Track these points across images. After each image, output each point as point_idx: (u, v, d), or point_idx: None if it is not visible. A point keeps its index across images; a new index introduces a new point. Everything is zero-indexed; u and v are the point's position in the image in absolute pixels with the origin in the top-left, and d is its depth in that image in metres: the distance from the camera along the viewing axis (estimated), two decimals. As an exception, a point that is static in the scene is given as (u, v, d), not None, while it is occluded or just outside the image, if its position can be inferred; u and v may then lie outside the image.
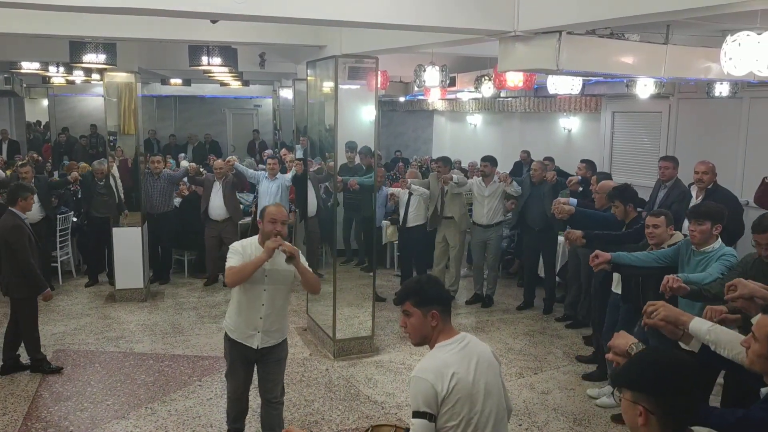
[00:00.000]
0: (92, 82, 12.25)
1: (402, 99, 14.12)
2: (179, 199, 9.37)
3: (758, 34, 4.13)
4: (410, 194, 8.01)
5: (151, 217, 8.32)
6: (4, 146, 13.71)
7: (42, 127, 17.51)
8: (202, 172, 9.43)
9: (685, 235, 4.53)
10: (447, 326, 2.65)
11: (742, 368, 2.48)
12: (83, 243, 8.96)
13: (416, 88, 9.71)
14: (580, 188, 6.95)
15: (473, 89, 9.16)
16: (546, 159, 9.34)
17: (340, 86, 5.98)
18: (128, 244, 7.78)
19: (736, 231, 6.03)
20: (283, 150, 11.11)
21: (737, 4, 3.46)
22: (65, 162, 12.52)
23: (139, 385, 5.62)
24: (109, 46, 6.91)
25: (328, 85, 6.39)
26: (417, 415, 2.49)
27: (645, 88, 7.49)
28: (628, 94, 8.17)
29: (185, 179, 9.14)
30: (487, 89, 8.54)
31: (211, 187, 8.51)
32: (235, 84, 12.44)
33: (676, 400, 1.86)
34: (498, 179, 7.72)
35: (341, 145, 7.71)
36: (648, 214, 4.79)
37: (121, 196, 8.02)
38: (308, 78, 6.94)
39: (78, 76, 11.08)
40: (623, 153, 10.20)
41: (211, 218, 8.49)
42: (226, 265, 3.93)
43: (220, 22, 5.91)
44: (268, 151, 13.51)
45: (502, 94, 11.28)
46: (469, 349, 2.62)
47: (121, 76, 7.70)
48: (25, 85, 14.81)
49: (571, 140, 11.40)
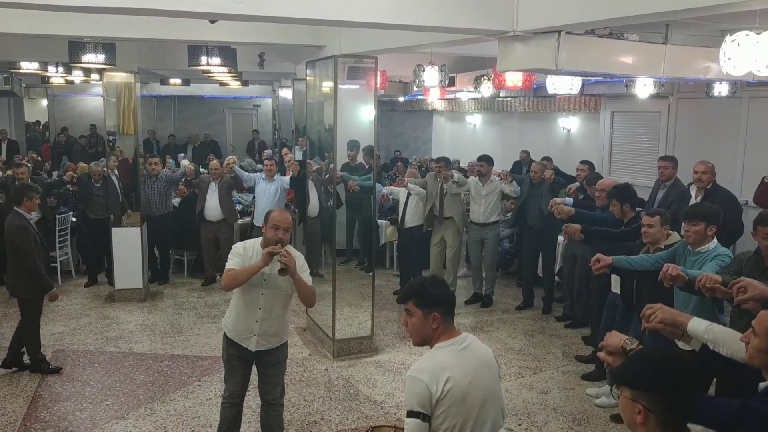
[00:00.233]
0: (91, 82, 12.25)
1: (401, 99, 14.12)
2: (178, 199, 9.36)
3: (757, 33, 4.14)
4: (408, 194, 8.01)
5: (150, 219, 8.30)
6: (4, 146, 13.71)
7: (41, 127, 17.50)
8: (201, 172, 9.42)
9: (682, 236, 4.55)
10: (449, 328, 2.62)
11: (741, 366, 2.48)
12: (83, 243, 8.94)
13: (415, 88, 9.70)
14: (581, 196, 6.93)
15: (472, 89, 9.15)
16: (544, 159, 9.34)
17: (340, 86, 5.98)
18: (127, 244, 7.77)
19: (735, 231, 6.03)
20: (284, 149, 11.09)
21: (736, 3, 3.46)
22: (65, 162, 12.52)
23: (138, 385, 5.61)
24: (108, 46, 6.91)
25: (327, 85, 6.39)
26: (411, 414, 2.49)
27: (644, 88, 7.49)
28: (628, 93, 8.17)
29: (182, 181, 9.13)
30: (487, 89, 8.54)
31: (207, 188, 8.48)
32: (235, 84, 12.45)
33: (675, 397, 1.87)
34: (498, 177, 7.72)
35: (341, 145, 7.70)
36: (645, 214, 4.81)
37: (121, 195, 8.01)
38: (307, 78, 6.94)
39: (77, 76, 11.07)
40: (622, 153, 10.21)
41: (207, 219, 8.46)
42: (226, 266, 3.91)
43: (220, 22, 5.91)
44: (268, 151, 13.50)
45: (501, 94, 11.28)
46: (468, 351, 2.60)
47: (120, 76, 7.70)
48: (24, 85, 14.81)
49: (571, 140, 11.40)
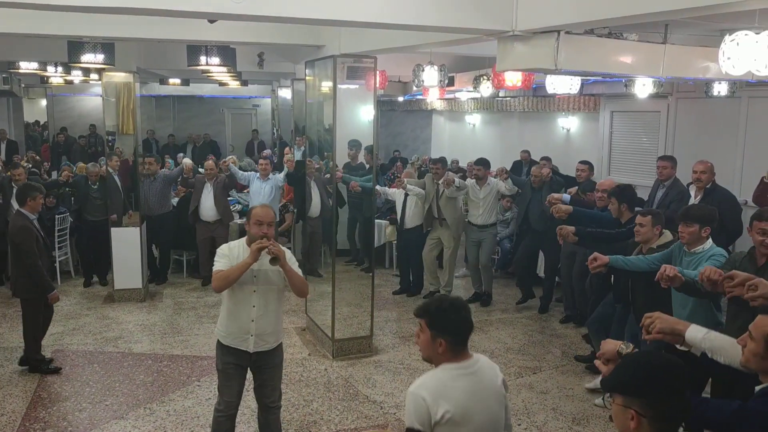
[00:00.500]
0: (90, 82, 12.24)
1: (401, 99, 14.12)
2: (177, 199, 9.35)
3: (756, 33, 4.14)
4: (406, 195, 8.00)
5: (149, 218, 8.28)
6: (3, 146, 13.68)
7: (40, 127, 17.49)
8: (199, 171, 9.41)
9: (675, 236, 4.57)
10: (458, 353, 2.56)
11: (740, 372, 2.48)
12: (81, 243, 8.93)
13: (415, 88, 9.69)
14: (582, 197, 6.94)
15: (472, 89, 9.14)
16: (543, 159, 9.35)
17: (339, 86, 5.97)
18: (127, 244, 7.76)
19: (735, 231, 6.03)
20: (285, 148, 11.08)
21: (735, 3, 3.47)
22: (67, 163, 12.51)
23: (137, 385, 5.61)
24: (107, 46, 6.91)
25: (326, 85, 6.38)
26: (410, 431, 2.48)
27: (643, 88, 7.48)
28: (627, 93, 8.17)
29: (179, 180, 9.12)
30: (486, 89, 8.53)
31: (202, 188, 8.43)
32: (234, 84, 12.45)
33: (667, 400, 1.87)
34: (495, 174, 7.71)
35: (340, 145, 7.70)
36: (639, 213, 4.84)
37: (123, 195, 8.01)
38: (307, 78, 6.93)
39: (76, 76, 11.06)
40: (622, 152, 10.21)
41: (202, 219, 8.41)
42: (213, 269, 3.86)
43: (219, 21, 5.92)
44: (267, 151, 13.50)
45: (500, 94, 11.27)
46: (476, 376, 2.56)
47: (119, 76, 7.68)
48: (23, 85, 14.80)
49: (570, 140, 11.40)
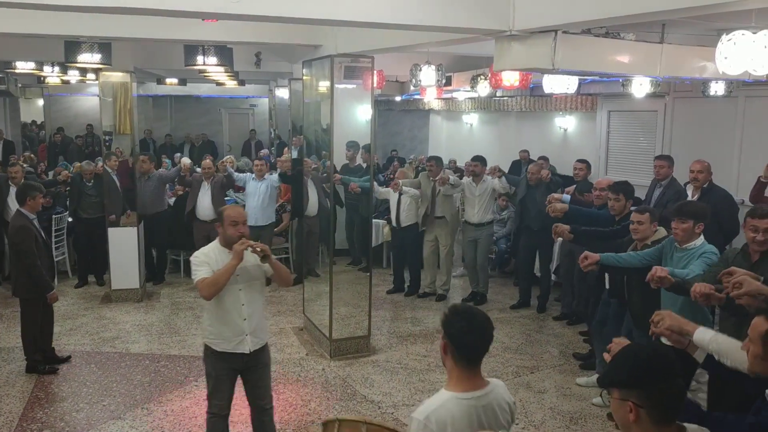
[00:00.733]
0: (87, 81, 12.20)
1: (398, 98, 14.11)
2: (174, 198, 9.34)
3: (753, 33, 4.14)
4: (400, 194, 8.00)
5: (144, 218, 8.27)
6: (-1, 147, 13.66)
7: (37, 127, 17.46)
8: (196, 170, 9.40)
9: (669, 232, 4.60)
10: (469, 375, 2.42)
11: (747, 377, 2.47)
12: (79, 243, 8.91)
13: (412, 88, 9.69)
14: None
15: (469, 88, 9.15)
16: (541, 158, 9.35)
17: (336, 86, 5.97)
18: (124, 244, 7.76)
19: (731, 230, 6.04)
20: (285, 149, 11.06)
21: (731, 3, 3.47)
22: (64, 164, 12.48)
23: (135, 385, 5.60)
24: (104, 46, 6.89)
25: (324, 85, 6.38)
26: None
27: (641, 87, 7.49)
28: (624, 93, 8.17)
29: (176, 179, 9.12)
30: (483, 88, 8.54)
31: (199, 187, 8.41)
32: (231, 83, 12.44)
33: (662, 389, 1.91)
34: (488, 172, 7.72)
35: (338, 144, 7.70)
36: (634, 211, 4.85)
37: (120, 195, 8.00)
38: (304, 77, 6.92)
39: (73, 76, 11.04)
40: (619, 152, 10.21)
41: (199, 218, 8.36)
42: (196, 278, 3.79)
43: (216, 21, 5.91)
44: (264, 151, 13.49)
45: (498, 94, 11.27)
46: (486, 409, 2.42)
47: (116, 76, 7.67)
48: (20, 85, 14.78)
49: (567, 139, 11.41)
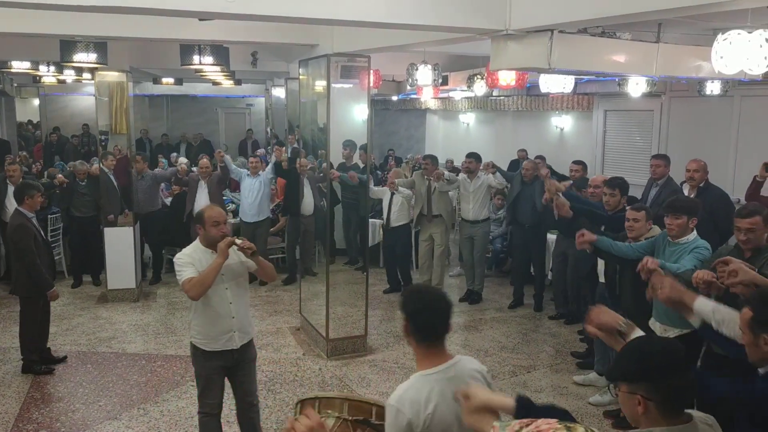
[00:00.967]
0: (83, 81, 12.19)
1: (395, 98, 14.13)
2: (170, 198, 9.32)
3: (749, 32, 4.16)
4: (392, 194, 8.00)
5: (138, 217, 8.25)
6: (-4, 146, 13.60)
7: (33, 126, 17.40)
8: (193, 170, 9.38)
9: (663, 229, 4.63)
10: (433, 351, 2.47)
11: (740, 348, 2.55)
12: (72, 242, 8.88)
13: (409, 87, 9.70)
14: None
15: (466, 88, 9.16)
16: (537, 157, 9.35)
17: (333, 85, 5.96)
18: (120, 244, 7.73)
19: (727, 229, 6.04)
20: (282, 147, 11.06)
21: (727, 2, 3.48)
22: (60, 164, 12.44)
23: (131, 385, 5.59)
24: (99, 45, 6.88)
25: (320, 84, 6.37)
26: None
27: (637, 87, 7.51)
28: (620, 92, 8.19)
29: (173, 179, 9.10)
30: (480, 88, 8.54)
31: (197, 186, 8.42)
32: (227, 83, 12.42)
33: (671, 381, 1.94)
34: (482, 169, 7.72)
35: (334, 144, 7.70)
36: (629, 208, 4.87)
37: (118, 195, 7.98)
38: (300, 77, 6.92)
39: (69, 76, 11.03)
40: (615, 151, 10.24)
41: None
42: (182, 278, 3.78)
43: (212, 20, 5.90)
44: (261, 150, 13.47)
45: (494, 93, 11.31)
46: (456, 379, 2.45)
47: (112, 76, 7.65)
48: (15, 85, 14.72)
49: (564, 139, 11.43)
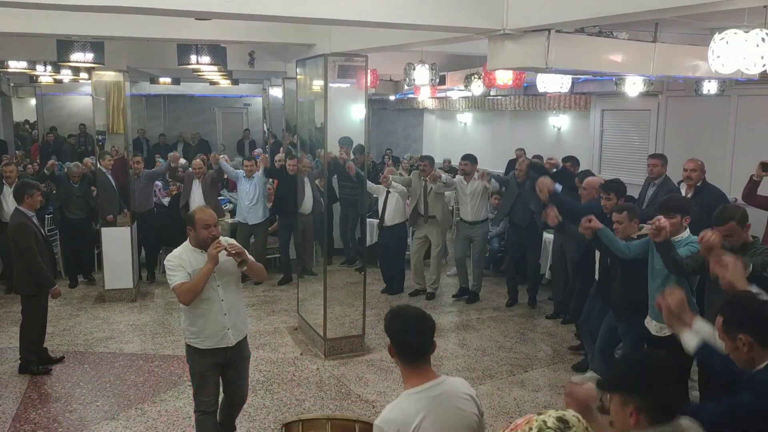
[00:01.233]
0: (80, 81, 12.16)
1: (392, 97, 14.11)
2: (168, 198, 9.30)
3: (745, 32, 4.15)
4: (388, 192, 8.00)
5: (134, 216, 8.23)
6: (-8, 146, 13.56)
7: (29, 126, 17.37)
8: (189, 169, 9.38)
9: None
10: (418, 371, 2.47)
11: (734, 366, 2.58)
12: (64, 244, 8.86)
13: (406, 87, 9.69)
14: (554, 170, 6.99)
15: (463, 87, 9.16)
16: (535, 157, 9.36)
17: (330, 85, 5.96)
18: (117, 244, 7.73)
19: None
20: (280, 149, 11.04)
21: (724, 2, 3.48)
22: (58, 164, 12.40)
23: (128, 385, 5.59)
24: (96, 45, 6.86)
25: (317, 84, 6.37)
26: None
27: (634, 86, 7.51)
28: (617, 92, 8.20)
29: (167, 174, 9.15)
30: (477, 87, 8.54)
31: (191, 184, 8.45)
32: (225, 83, 12.39)
33: (662, 392, 1.98)
34: (477, 176, 7.75)
35: (332, 143, 7.69)
36: (613, 211, 4.90)
37: (116, 195, 7.97)
38: (298, 76, 6.91)
39: (66, 75, 10.98)
40: (612, 150, 10.25)
41: None
42: (173, 283, 3.82)
43: (209, 20, 5.89)
44: (258, 150, 13.45)
45: (491, 93, 11.30)
46: (443, 397, 2.45)
47: (109, 75, 7.65)
48: (12, 85, 14.70)
49: (561, 138, 11.43)
